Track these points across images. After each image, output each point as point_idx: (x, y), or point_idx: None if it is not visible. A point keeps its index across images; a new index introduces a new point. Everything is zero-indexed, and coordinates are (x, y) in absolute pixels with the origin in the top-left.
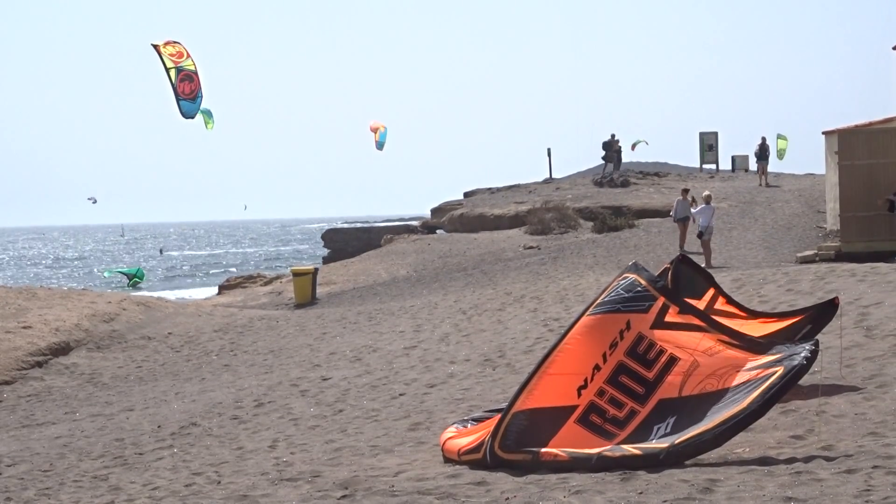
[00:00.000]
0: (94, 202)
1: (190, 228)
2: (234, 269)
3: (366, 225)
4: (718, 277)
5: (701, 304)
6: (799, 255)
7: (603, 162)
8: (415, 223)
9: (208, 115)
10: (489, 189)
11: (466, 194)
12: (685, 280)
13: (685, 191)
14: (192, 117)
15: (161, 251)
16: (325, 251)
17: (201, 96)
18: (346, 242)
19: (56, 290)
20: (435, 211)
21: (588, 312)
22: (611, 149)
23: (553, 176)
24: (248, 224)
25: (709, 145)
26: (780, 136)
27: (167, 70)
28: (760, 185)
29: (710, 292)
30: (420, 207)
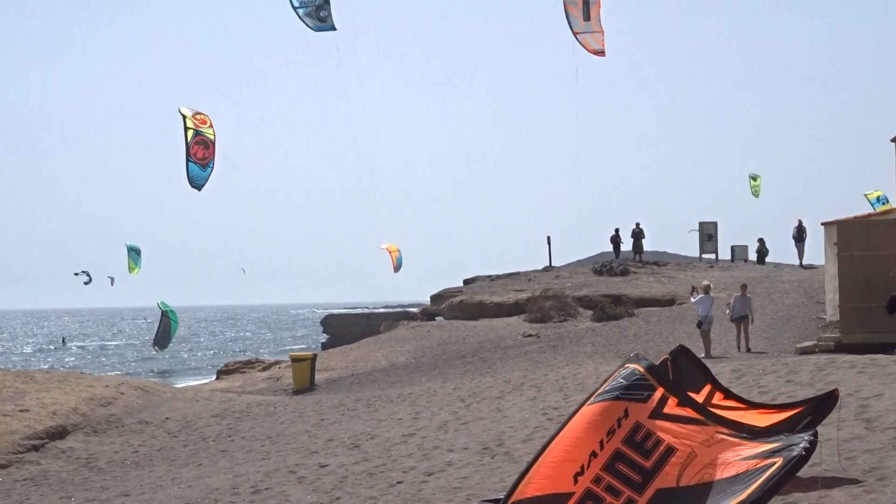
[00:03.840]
0: (88, 281)
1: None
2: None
3: (365, 311)
4: (718, 367)
5: (699, 399)
6: (798, 345)
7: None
8: (414, 310)
9: (135, 257)
10: (489, 276)
11: (466, 281)
12: (684, 372)
13: (744, 286)
14: (199, 187)
15: (63, 341)
16: (325, 337)
17: (212, 167)
18: (345, 328)
19: (54, 373)
20: (434, 298)
21: (588, 402)
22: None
23: (553, 264)
24: (235, 309)
25: (708, 235)
26: (752, 176)
27: (185, 129)
28: (799, 265)
29: (707, 388)
30: (420, 294)
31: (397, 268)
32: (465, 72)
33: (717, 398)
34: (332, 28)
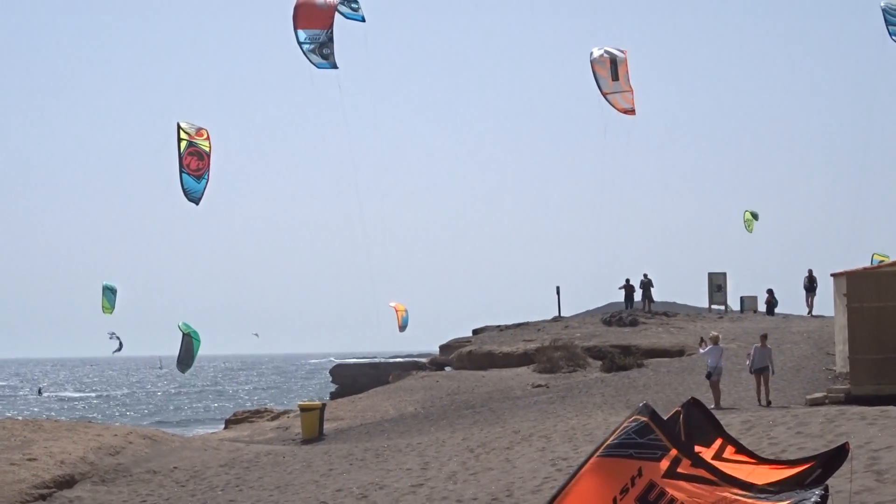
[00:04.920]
0: (114, 340)
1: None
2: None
3: (374, 361)
4: (728, 418)
5: (709, 453)
6: (808, 397)
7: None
8: (423, 360)
9: (110, 296)
10: (498, 326)
11: (475, 331)
12: (695, 426)
13: (764, 337)
14: (196, 200)
15: (40, 391)
16: (333, 386)
17: (207, 179)
18: (354, 378)
19: (62, 421)
20: (443, 348)
21: (598, 453)
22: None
23: (562, 314)
24: (251, 358)
25: (717, 285)
26: (752, 213)
27: (179, 140)
28: (809, 314)
29: (718, 441)
30: (429, 344)
31: (402, 327)
32: (477, 120)
33: (728, 452)
34: (334, 66)
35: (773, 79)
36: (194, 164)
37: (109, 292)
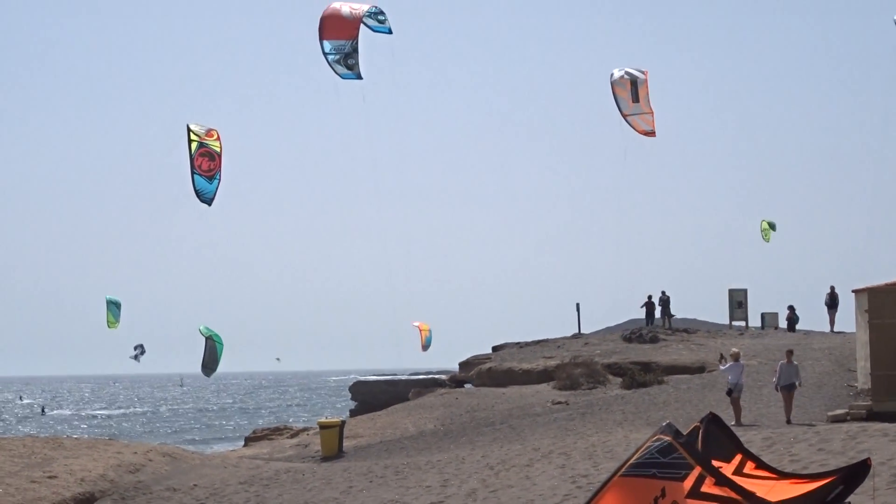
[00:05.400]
0: (140, 354)
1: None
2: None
3: (393, 378)
4: (749, 435)
5: (729, 468)
6: (830, 413)
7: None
8: (443, 377)
9: (114, 310)
10: (517, 343)
11: (495, 348)
12: (714, 441)
13: (790, 352)
14: (208, 201)
15: (43, 410)
16: (353, 403)
17: (219, 179)
18: (373, 395)
19: (83, 439)
20: (463, 365)
21: (621, 472)
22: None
23: (582, 331)
24: (273, 375)
25: (738, 302)
26: (770, 224)
27: (189, 142)
28: (831, 331)
29: (738, 457)
30: (448, 361)
31: (426, 346)
32: (498, 138)
33: (749, 467)
34: (359, 77)
35: (793, 91)
36: (206, 164)
37: (113, 306)
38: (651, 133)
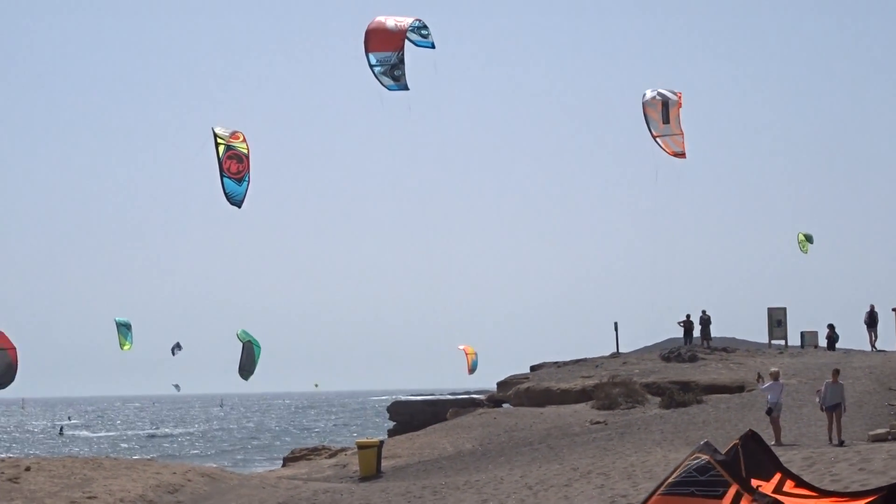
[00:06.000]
0: (177, 349)
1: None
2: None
3: (432, 398)
4: (789, 455)
5: (769, 487)
6: (871, 433)
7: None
8: (481, 397)
9: (125, 332)
10: (556, 363)
11: (533, 368)
12: (753, 459)
13: (836, 372)
14: (238, 203)
15: (61, 430)
16: (391, 423)
17: (248, 181)
18: (411, 415)
19: (122, 460)
20: (501, 384)
21: (660, 491)
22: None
23: (620, 350)
24: (315, 396)
25: (777, 321)
26: (806, 236)
27: (216, 145)
28: (872, 350)
29: (777, 476)
30: (486, 381)
31: (472, 370)
32: (536, 158)
33: (788, 486)
34: (405, 88)
35: (828, 104)
36: (234, 166)
37: (124, 328)
38: (681, 154)
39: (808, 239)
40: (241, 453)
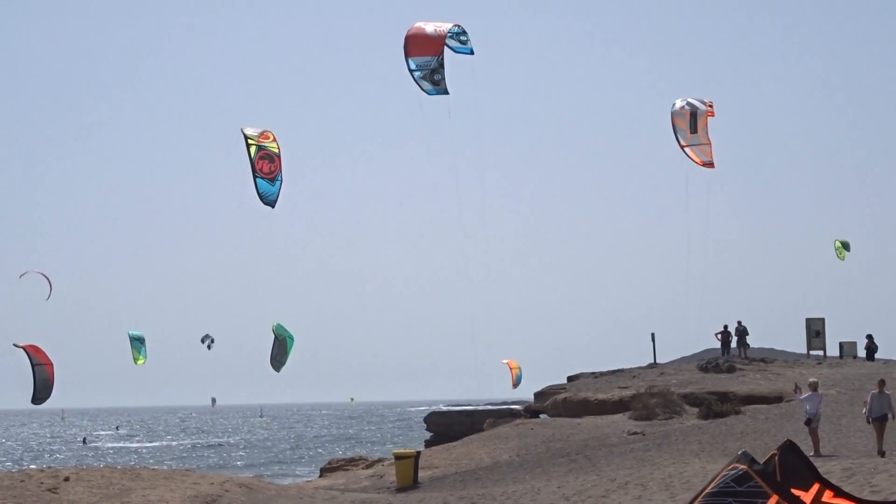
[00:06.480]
0: (210, 343)
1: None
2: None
3: (469, 408)
4: (828, 466)
5: (808, 497)
6: None
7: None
8: (518, 407)
9: (138, 346)
10: (593, 373)
11: (570, 378)
12: (791, 469)
13: (882, 382)
14: (272, 203)
15: (84, 440)
16: (428, 434)
17: (281, 180)
18: (448, 426)
19: (160, 470)
20: (538, 395)
21: (697, 502)
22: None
23: (657, 361)
24: (353, 407)
25: (816, 331)
26: (843, 243)
27: (248, 146)
28: None
29: (816, 486)
30: (523, 391)
31: (516, 384)
32: (572, 168)
33: (827, 496)
34: (445, 92)
35: (871, 109)
36: (266, 167)
37: (137, 342)
38: (710, 164)
39: (845, 246)
40: (279, 465)
